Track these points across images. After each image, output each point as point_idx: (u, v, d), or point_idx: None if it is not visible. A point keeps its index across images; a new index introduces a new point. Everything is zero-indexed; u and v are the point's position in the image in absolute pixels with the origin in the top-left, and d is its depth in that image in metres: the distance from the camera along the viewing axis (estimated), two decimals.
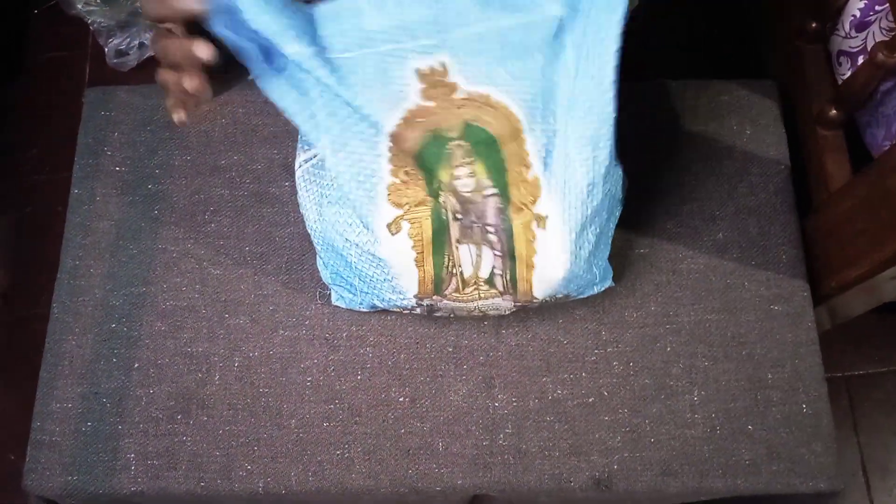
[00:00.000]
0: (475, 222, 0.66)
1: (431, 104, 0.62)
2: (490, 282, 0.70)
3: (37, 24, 1.64)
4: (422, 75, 0.61)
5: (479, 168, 0.64)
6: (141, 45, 1.55)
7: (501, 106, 0.62)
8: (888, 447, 1.30)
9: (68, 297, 0.85)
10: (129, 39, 1.54)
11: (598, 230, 0.70)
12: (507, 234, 0.67)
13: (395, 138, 0.64)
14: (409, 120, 0.63)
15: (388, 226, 0.67)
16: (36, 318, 1.41)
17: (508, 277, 0.70)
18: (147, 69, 1.57)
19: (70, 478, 0.79)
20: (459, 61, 0.61)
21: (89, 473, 0.79)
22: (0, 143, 1.55)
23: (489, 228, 0.67)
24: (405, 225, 0.67)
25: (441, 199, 0.65)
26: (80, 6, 1.50)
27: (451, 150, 0.63)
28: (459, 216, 0.66)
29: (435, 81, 0.61)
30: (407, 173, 0.65)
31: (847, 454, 1.29)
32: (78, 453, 0.79)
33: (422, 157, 0.64)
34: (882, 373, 1.35)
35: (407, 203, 0.66)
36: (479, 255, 0.69)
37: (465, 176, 0.64)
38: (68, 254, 0.86)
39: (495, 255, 0.68)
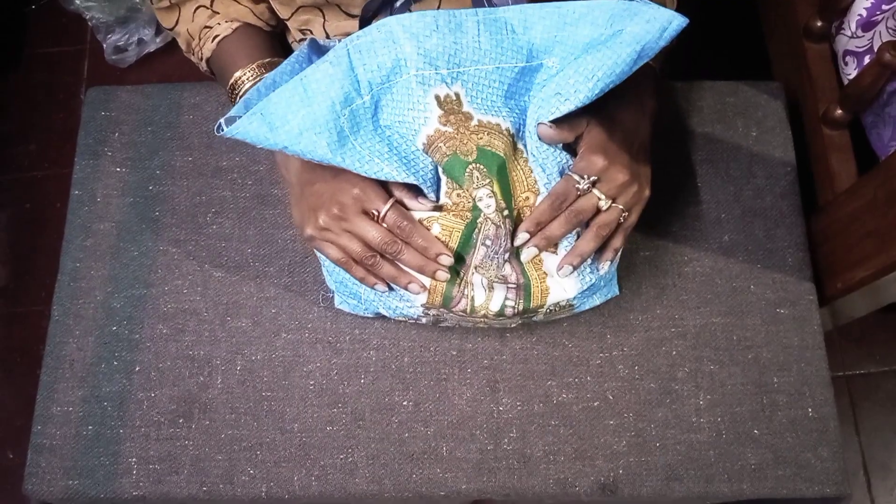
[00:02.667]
0: (497, 255, 0.68)
1: (450, 129, 0.65)
2: (500, 314, 0.70)
3: (35, 20, 1.64)
4: (440, 102, 0.65)
5: (496, 189, 0.66)
6: (139, 41, 1.54)
7: (510, 133, 0.66)
8: (889, 447, 1.30)
9: (69, 300, 0.84)
10: (127, 36, 1.53)
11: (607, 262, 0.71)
12: (519, 262, 0.69)
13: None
14: (430, 143, 0.66)
15: (421, 220, 0.68)
16: (34, 314, 1.41)
17: (521, 308, 0.70)
18: (144, 66, 1.56)
19: (71, 482, 0.78)
20: (470, 93, 0.65)
21: (90, 478, 0.78)
22: None
23: (506, 256, 0.68)
24: (436, 227, 0.68)
25: (479, 221, 0.67)
26: (78, 2, 1.49)
27: (470, 172, 0.65)
28: (488, 243, 0.68)
29: (451, 109, 0.65)
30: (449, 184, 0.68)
31: (848, 454, 1.29)
32: (79, 457, 0.79)
33: (449, 179, 0.67)
34: (883, 372, 1.35)
35: (449, 209, 0.68)
36: (491, 288, 0.69)
37: (486, 197, 0.66)
38: (69, 256, 0.86)
39: (509, 287, 0.69)
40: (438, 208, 0.68)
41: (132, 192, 0.88)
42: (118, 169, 0.89)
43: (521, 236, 0.67)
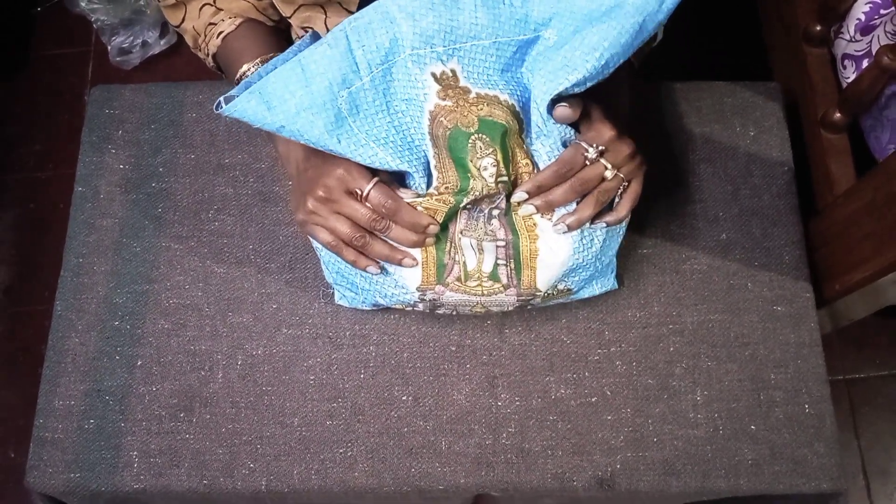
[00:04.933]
0: (482, 211, 0.69)
1: (450, 103, 0.66)
2: (494, 275, 0.71)
3: (41, 22, 1.65)
4: (437, 78, 0.66)
5: (499, 157, 0.67)
6: (144, 43, 1.55)
7: (510, 104, 0.67)
8: (889, 451, 1.30)
9: (72, 295, 0.85)
10: (132, 38, 1.54)
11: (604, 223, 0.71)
12: (509, 221, 0.70)
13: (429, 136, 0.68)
14: (434, 119, 0.67)
15: None
16: (37, 314, 1.42)
17: (512, 266, 0.71)
18: (149, 68, 1.57)
19: (73, 475, 0.79)
20: (466, 69, 0.66)
21: (92, 471, 0.79)
22: (3, 139, 1.56)
23: (494, 213, 0.69)
24: (419, 210, 0.69)
25: (462, 201, 0.68)
26: (83, 4, 1.51)
27: (473, 142, 0.66)
28: (469, 206, 0.69)
29: (448, 84, 0.66)
30: (437, 168, 0.68)
31: (848, 458, 1.29)
32: (81, 450, 0.79)
33: (452, 151, 0.68)
34: (883, 377, 1.35)
35: (431, 195, 0.69)
36: (480, 250, 0.71)
37: (490, 166, 0.67)
38: (72, 251, 0.86)
39: (498, 246, 0.70)
40: (419, 195, 0.69)
41: (135, 188, 0.89)
42: (121, 166, 0.90)
43: (520, 195, 0.67)
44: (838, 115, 0.94)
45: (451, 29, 0.64)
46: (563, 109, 0.65)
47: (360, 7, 0.71)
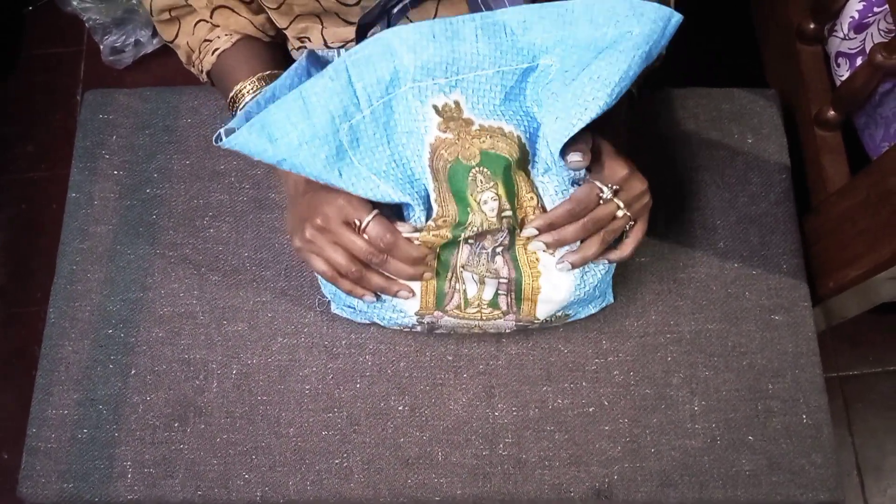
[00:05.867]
0: (485, 249, 0.68)
1: (451, 136, 0.65)
2: (494, 304, 0.71)
3: (32, 21, 1.63)
4: (439, 111, 0.65)
5: (501, 191, 0.66)
6: (136, 42, 1.53)
7: (514, 136, 0.66)
8: (882, 448, 1.31)
9: (65, 302, 0.84)
10: (124, 37, 1.53)
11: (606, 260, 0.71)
12: (513, 257, 0.69)
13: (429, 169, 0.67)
14: (434, 152, 0.66)
15: None
16: (31, 315, 1.41)
17: (513, 298, 0.70)
18: (142, 67, 1.56)
19: (66, 485, 0.78)
20: (470, 100, 0.65)
21: (85, 481, 0.78)
22: None
23: (498, 250, 0.69)
24: (417, 244, 0.68)
25: (460, 237, 0.67)
26: (75, 3, 1.49)
27: (474, 176, 0.65)
28: (471, 241, 0.68)
29: (450, 116, 0.65)
30: (437, 202, 0.67)
31: (842, 455, 1.29)
32: (74, 461, 0.79)
33: (452, 184, 0.67)
34: (877, 373, 1.36)
35: (430, 229, 0.68)
36: (482, 282, 0.70)
37: (491, 200, 0.66)
38: (65, 258, 0.86)
39: (500, 281, 0.70)
40: (418, 229, 0.68)
41: (129, 195, 0.88)
42: (115, 172, 0.89)
43: (530, 230, 0.67)
44: (832, 112, 0.94)
45: (452, 60, 0.63)
46: (575, 159, 0.64)
47: (360, 21, 0.70)
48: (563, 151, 0.64)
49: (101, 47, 1.53)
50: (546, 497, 0.77)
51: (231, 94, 0.77)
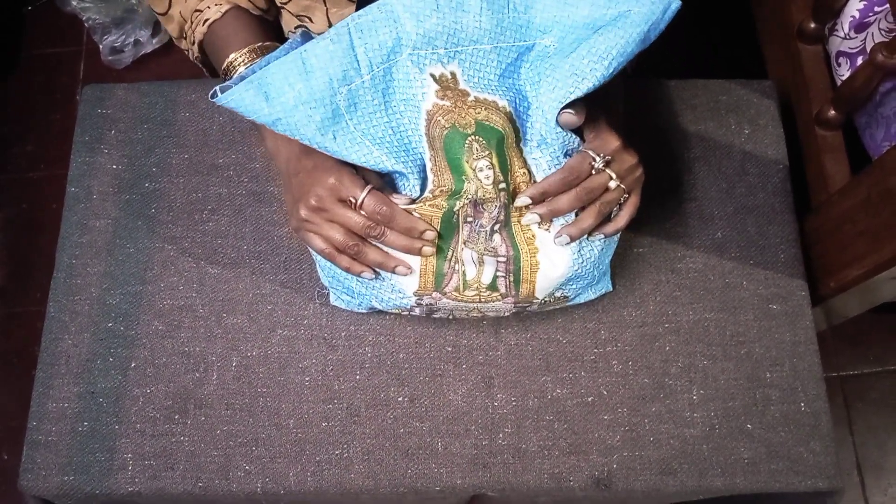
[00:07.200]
0: (483, 227, 0.69)
1: (448, 103, 0.66)
2: (492, 286, 0.71)
3: (32, 21, 1.64)
4: (436, 79, 0.65)
5: (495, 161, 0.67)
6: (136, 42, 1.54)
7: (507, 111, 0.67)
8: (883, 447, 1.31)
9: (65, 296, 0.84)
10: (123, 37, 1.53)
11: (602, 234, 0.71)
12: (510, 233, 0.70)
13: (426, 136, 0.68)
14: (430, 118, 0.66)
15: None
16: (30, 314, 1.41)
17: (512, 279, 0.70)
18: (141, 67, 1.57)
19: (66, 478, 0.78)
20: (466, 73, 0.66)
21: (86, 473, 0.78)
22: None
23: (496, 227, 0.69)
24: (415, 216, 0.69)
25: (455, 210, 0.68)
26: (74, 3, 1.50)
27: (470, 143, 0.66)
28: (470, 219, 0.69)
29: (447, 86, 0.66)
30: (433, 171, 0.68)
31: (842, 454, 1.29)
32: (74, 453, 0.79)
33: (448, 152, 0.67)
34: (877, 373, 1.36)
35: (425, 199, 0.69)
36: (481, 262, 0.70)
37: (486, 168, 0.66)
38: (65, 252, 0.86)
39: (499, 261, 0.70)
40: (413, 200, 0.69)
41: (128, 189, 0.88)
42: (114, 166, 0.89)
43: (523, 199, 0.67)
44: (833, 112, 0.94)
45: (454, 31, 0.64)
46: (568, 116, 0.64)
47: (362, 1, 0.70)
48: (558, 116, 0.65)
49: (101, 47, 1.54)
50: (546, 486, 0.77)
51: (223, 66, 0.77)
